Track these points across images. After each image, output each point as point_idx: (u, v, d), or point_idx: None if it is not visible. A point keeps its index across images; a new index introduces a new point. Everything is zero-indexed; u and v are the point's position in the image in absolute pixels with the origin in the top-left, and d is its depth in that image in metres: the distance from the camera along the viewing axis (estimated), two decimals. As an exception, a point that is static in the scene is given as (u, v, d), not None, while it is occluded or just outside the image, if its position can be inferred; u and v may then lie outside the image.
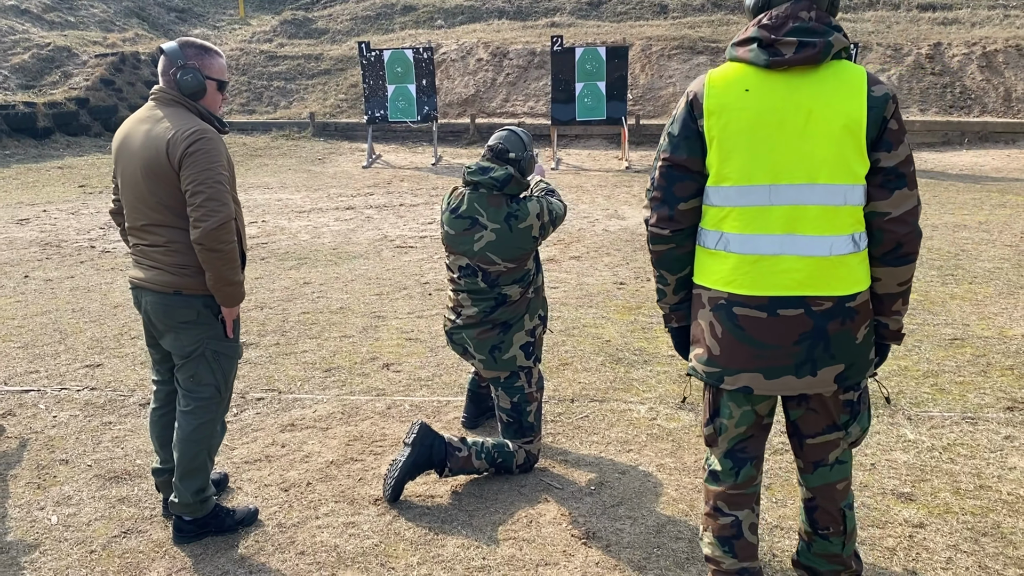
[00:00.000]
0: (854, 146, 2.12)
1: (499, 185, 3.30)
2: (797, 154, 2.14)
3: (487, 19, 20.37)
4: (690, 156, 2.25)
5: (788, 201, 2.15)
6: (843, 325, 2.19)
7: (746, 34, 2.20)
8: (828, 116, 2.11)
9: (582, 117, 13.31)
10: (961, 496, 3.27)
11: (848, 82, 2.13)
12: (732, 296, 2.23)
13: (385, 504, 3.28)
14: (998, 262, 6.87)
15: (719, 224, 2.25)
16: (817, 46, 2.10)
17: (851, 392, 2.33)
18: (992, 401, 4.15)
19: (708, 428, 2.44)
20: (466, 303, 3.43)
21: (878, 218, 2.18)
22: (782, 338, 2.20)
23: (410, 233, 8.54)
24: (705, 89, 2.22)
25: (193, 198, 2.66)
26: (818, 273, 2.16)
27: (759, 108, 2.15)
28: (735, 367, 2.26)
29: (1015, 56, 15.99)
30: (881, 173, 2.15)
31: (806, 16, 2.14)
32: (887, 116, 2.13)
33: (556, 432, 3.92)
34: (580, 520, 3.16)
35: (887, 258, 2.21)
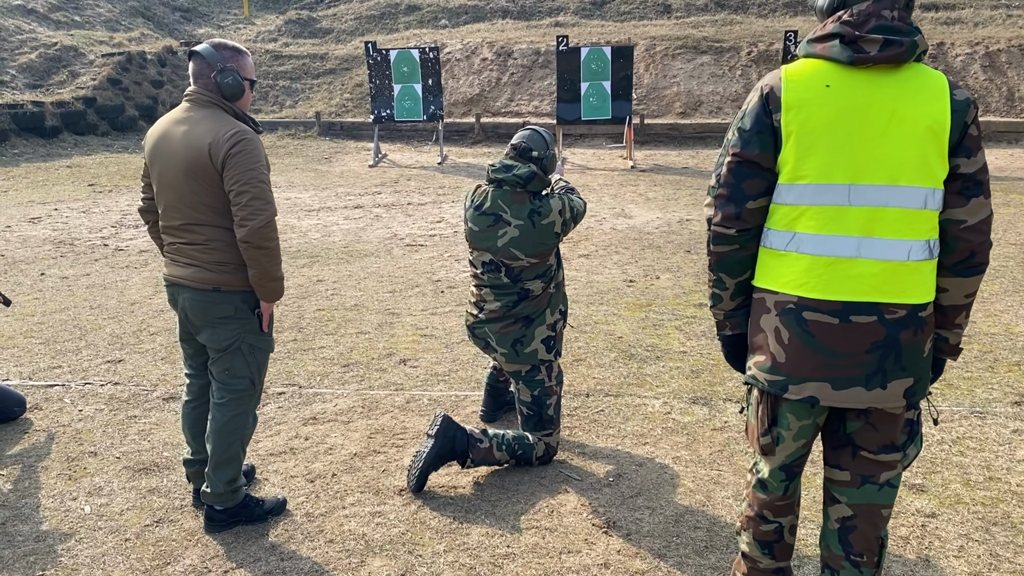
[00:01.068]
0: (937, 149, 2.08)
1: (523, 182, 3.38)
2: (879, 154, 2.09)
3: (491, 19, 20.45)
4: (762, 152, 2.17)
5: (868, 202, 2.10)
6: (915, 336, 2.13)
7: (825, 30, 2.13)
8: (912, 117, 2.07)
9: (587, 116, 13.38)
10: (971, 487, 3.35)
11: (931, 84, 2.09)
12: (803, 300, 2.15)
13: (410, 494, 3.36)
14: (1003, 260, 6.95)
15: (792, 224, 2.17)
16: (904, 45, 2.05)
17: (913, 411, 2.30)
18: (1000, 396, 4.23)
19: (765, 438, 2.31)
20: (489, 298, 3.51)
21: (953, 225, 2.13)
22: (854, 346, 2.12)
23: (419, 232, 8.62)
24: (783, 83, 2.15)
25: (239, 197, 2.74)
26: (894, 279, 2.10)
27: (841, 105, 2.10)
28: (801, 375, 2.16)
29: (1018, 56, 16.07)
30: (960, 179, 2.11)
31: (889, 15, 2.09)
32: (968, 121, 2.11)
33: (573, 426, 4.00)
34: (600, 510, 3.24)
35: (958, 268, 2.15)
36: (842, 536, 2.33)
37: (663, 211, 9.39)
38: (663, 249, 7.59)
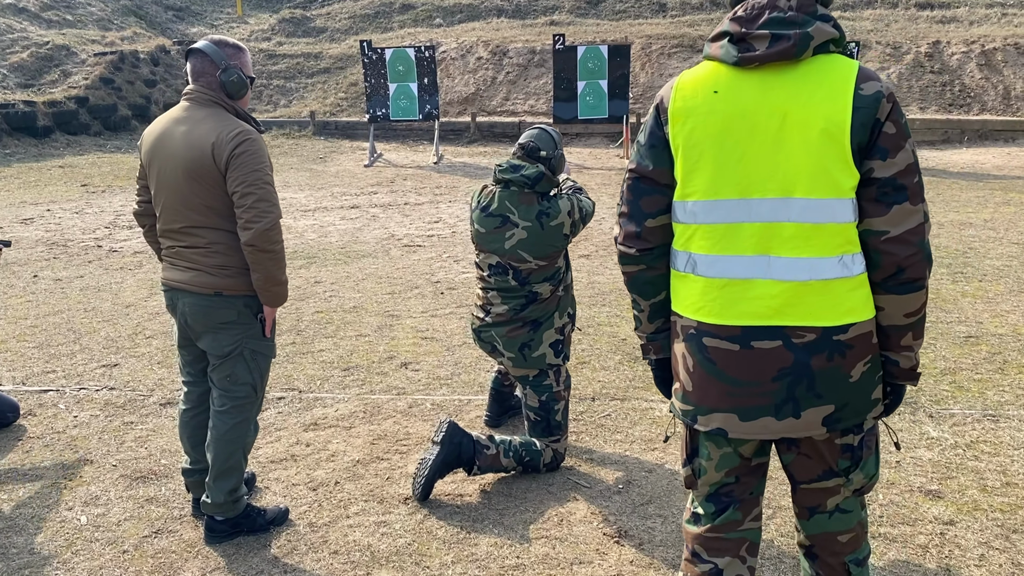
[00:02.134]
0: (837, 154, 1.82)
1: (531, 183, 3.30)
2: (770, 164, 1.86)
3: (486, 17, 20.35)
4: (656, 167, 2.00)
5: (760, 218, 1.88)
6: (831, 361, 1.88)
7: (719, 28, 1.94)
8: (805, 119, 1.82)
9: (584, 116, 13.33)
10: (989, 493, 3.28)
11: (831, 79, 1.83)
12: (701, 325, 1.96)
13: (415, 503, 3.28)
14: (1006, 260, 6.90)
15: (686, 244, 1.98)
16: (792, 39, 1.82)
17: (850, 435, 2.01)
18: (1011, 399, 4.17)
19: (686, 469, 2.17)
20: (496, 301, 3.43)
21: (874, 237, 1.86)
22: (758, 374, 1.91)
23: (417, 232, 8.54)
24: (672, 92, 1.97)
25: (243, 199, 2.66)
26: (797, 300, 1.87)
27: (728, 112, 1.88)
28: (708, 405, 1.98)
29: (1014, 54, 16.06)
30: (875, 185, 1.83)
31: (784, 5, 1.86)
32: (880, 118, 1.81)
33: (579, 430, 3.92)
34: (611, 519, 3.17)
35: (888, 284, 1.88)
36: (808, 562, 2.22)
37: (662, 211, 9.31)
38: (664, 249, 7.52)
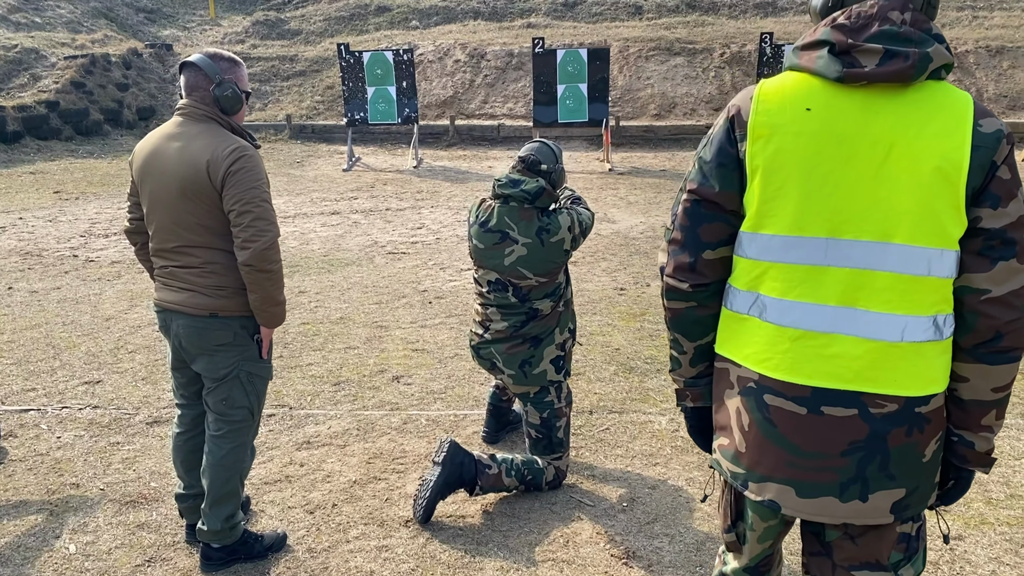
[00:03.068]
0: (949, 197, 1.58)
1: (531, 198, 3.24)
2: (869, 201, 1.61)
3: (463, 20, 20.27)
4: (724, 190, 1.72)
5: (851, 263, 1.63)
6: (909, 436, 1.65)
7: (815, 36, 1.66)
8: (917, 153, 1.57)
9: (564, 119, 13.29)
10: (994, 506, 3.27)
11: (948, 110, 1.59)
12: (764, 379, 1.71)
13: (416, 525, 3.20)
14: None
15: (754, 283, 1.72)
16: (911, 58, 1.56)
17: (910, 523, 1.77)
18: (1009, 407, 4.17)
19: (728, 535, 1.95)
20: (495, 317, 3.36)
21: (972, 296, 1.62)
22: (826, 445, 1.67)
23: (400, 239, 8.44)
24: (753, 103, 1.68)
25: (240, 218, 2.56)
26: (883, 363, 1.63)
27: (823, 134, 1.62)
28: (762, 472, 1.73)
29: (985, 57, 16.26)
30: (982, 236, 1.60)
31: (898, 17, 1.60)
32: (997, 161, 1.59)
33: (579, 446, 3.86)
34: (617, 539, 3.11)
35: (980, 352, 1.64)
36: None
37: (645, 215, 9.30)
38: (650, 255, 7.49)
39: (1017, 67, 15.90)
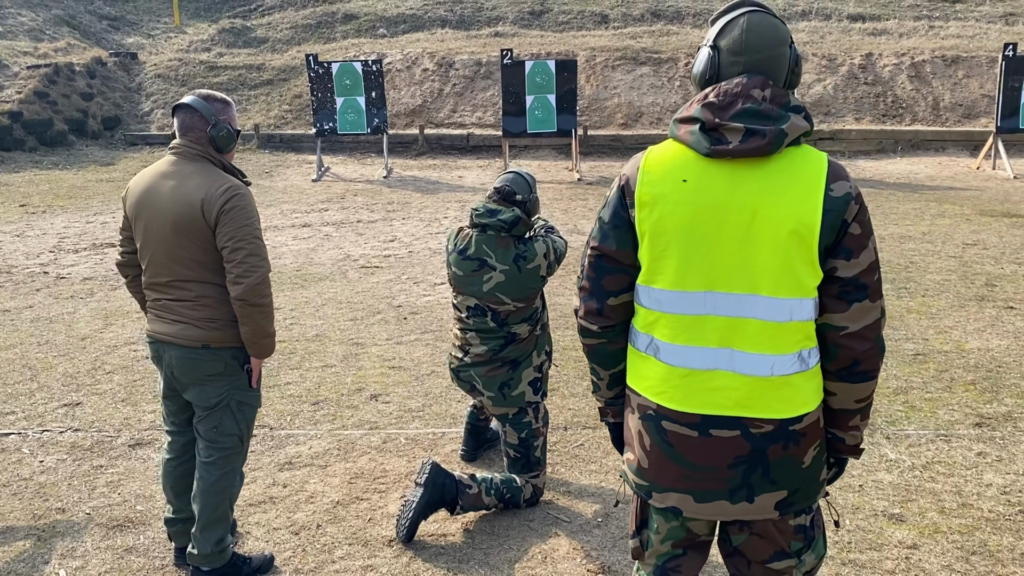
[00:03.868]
0: (804, 255, 1.84)
1: (507, 227, 3.37)
2: (737, 260, 1.86)
3: (430, 28, 20.36)
4: (620, 248, 1.98)
5: (726, 312, 1.89)
6: (786, 450, 1.92)
7: (690, 111, 1.91)
8: (776, 219, 1.82)
9: (533, 129, 13.46)
10: (947, 515, 3.46)
11: (803, 178, 1.84)
12: (661, 408, 1.97)
13: (400, 545, 3.31)
14: (945, 274, 7.21)
15: (649, 328, 1.99)
16: (767, 136, 1.81)
17: (803, 516, 2.05)
18: (961, 417, 4.39)
19: (634, 541, 2.19)
20: (474, 341, 3.49)
21: (833, 332, 1.90)
22: (715, 460, 1.93)
23: (373, 252, 8.52)
24: (639, 175, 1.95)
25: (233, 254, 2.68)
26: (758, 393, 1.89)
27: (697, 203, 1.87)
28: (664, 485, 2.01)
29: (941, 66, 16.71)
30: (838, 283, 1.86)
31: (759, 95, 1.85)
32: (848, 219, 1.84)
33: (555, 462, 4.00)
34: (593, 554, 3.25)
35: (843, 374, 1.93)
36: None
37: (614, 226, 9.46)
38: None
39: (971, 76, 16.37)
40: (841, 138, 15.19)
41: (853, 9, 20.40)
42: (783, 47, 1.92)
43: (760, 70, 1.89)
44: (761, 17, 1.91)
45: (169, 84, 17.43)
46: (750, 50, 1.89)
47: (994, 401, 4.57)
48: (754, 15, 1.92)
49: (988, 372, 4.99)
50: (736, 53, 1.90)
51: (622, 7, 21.00)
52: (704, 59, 1.95)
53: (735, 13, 1.94)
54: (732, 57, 1.91)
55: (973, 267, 7.43)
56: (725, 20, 1.95)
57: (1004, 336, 5.61)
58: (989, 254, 7.90)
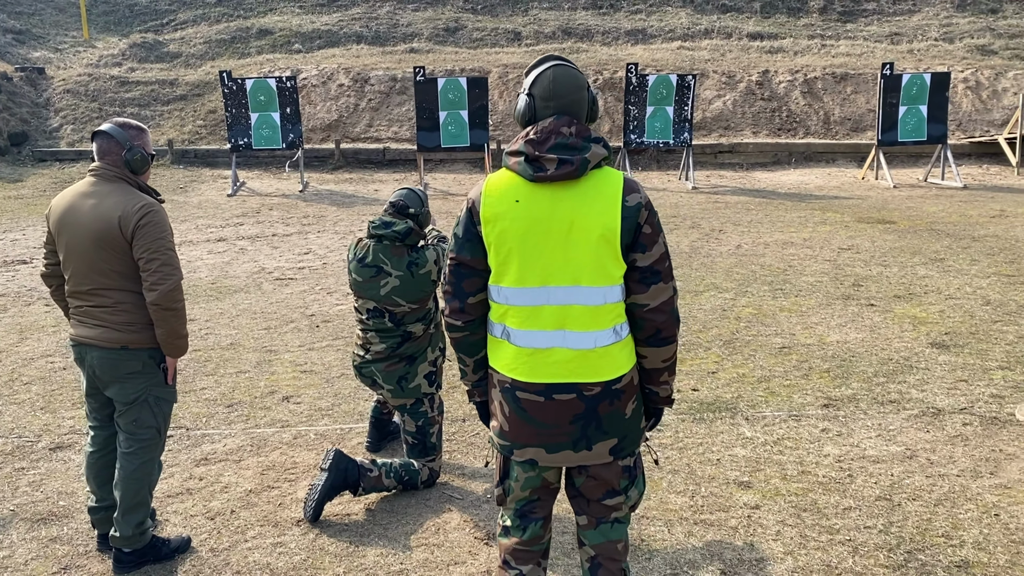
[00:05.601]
0: (610, 252, 2.35)
1: (401, 237, 3.78)
2: (562, 260, 2.36)
3: (345, 44, 20.61)
4: (473, 257, 2.46)
5: (557, 301, 2.38)
6: (612, 405, 2.44)
7: (515, 146, 2.39)
8: (587, 226, 2.33)
9: (447, 144, 13.89)
10: (788, 481, 4.01)
11: (605, 193, 2.35)
12: (515, 381, 2.45)
13: (307, 524, 3.68)
14: (819, 276, 7.92)
15: (501, 318, 2.47)
16: (575, 163, 2.31)
17: (628, 459, 2.58)
18: (812, 400, 4.98)
19: (498, 489, 2.66)
20: (374, 340, 3.88)
21: (639, 309, 2.41)
22: (558, 418, 2.43)
23: (288, 265, 8.80)
24: (482, 198, 2.43)
25: (149, 264, 3.02)
26: (586, 363, 2.40)
27: (529, 218, 2.36)
28: (521, 442, 2.49)
29: (831, 83, 17.82)
30: (638, 271, 2.38)
31: (567, 132, 2.34)
32: (640, 223, 2.36)
33: (452, 449, 4.41)
34: (481, 524, 3.67)
35: (650, 341, 2.45)
36: (592, 573, 2.65)
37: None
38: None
39: (859, 92, 17.52)
40: (740, 151, 16.09)
41: (752, 28, 21.49)
42: (582, 92, 2.43)
43: (567, 111, 2.40)
44: (564, 69, 2.42)
45: (79, 99, 17.25)
46: (557, 96, 2.40)
47: (843, 386, 5.19)
48: (558, 68, 2.42)
49: (842, 361, 5.62)
50: (547, 99, 2.40)
51: (534, 25, 21.66)
52: (523, 104, 2.44)
53: (544, 67, 2.43)
54: (544, 102, 2.41)
55: (845, 269, 8.16)
56: (536, 72, 2.44)
57: (861, 330, 6.28)
58: (860, 257, 8.67)
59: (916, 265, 8.26)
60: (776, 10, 22.82)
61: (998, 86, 17.38)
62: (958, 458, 4.21)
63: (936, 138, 13.93)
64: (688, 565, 3.35)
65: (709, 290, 7.48)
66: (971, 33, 20.56)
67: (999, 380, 5.22)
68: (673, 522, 3.66)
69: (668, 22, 21.73)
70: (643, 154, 15.63)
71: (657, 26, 21.43)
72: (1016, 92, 16.47)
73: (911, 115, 13.89)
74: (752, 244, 9.39)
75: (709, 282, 7.75)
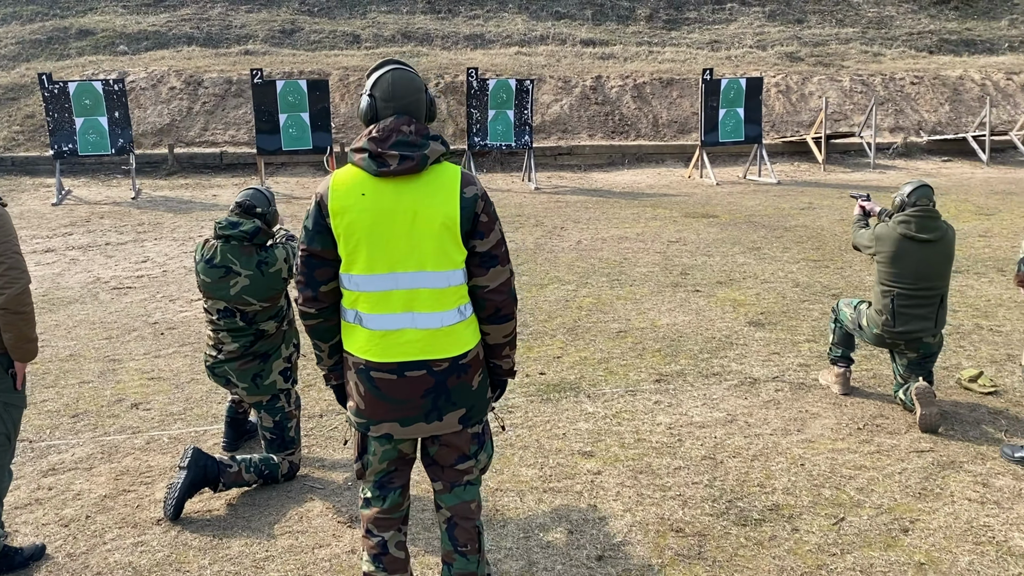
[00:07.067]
0: (451, 239, 2.56)
1: (249, 236, 3.86)
2: (408, 247, 2.55)
3: (176, 46, 19.85)
4: (324, 248, 2.60)
5: (405, 286, 2.57)
6: (459, 379, 2.66)
7: (359, 143, 2.56)
8: (430, 216, 2.53)
9: (288, 147, 13.72)
10: (625, 448, 4.39)
11: (444, 186, 2.56)
12: (369, 362, 2.63)
13: (168, 523, 3.70)
14: (651, 267, 8.51)
15: (354, 304, 2.63)
16: (415, 159, 2.51)
17: (477, 426, 2.81)
18: (646, 376, 5.43)
19: (358, 464, 2.84)
20: (227, 340, 3.94)
21: (480, 290, 2.64)
22: (411, 394, 2.63)
23: (125, 274, 8.50)
24: (330, 192, 2.57)
25: None
26: (434, 341, 2.61)
27: (375, 210, 2.53)
28: (377, 419, 2.68)
29: (659, 88, 18.92)
30: (478, 256, 2.60)
31: (407, 130, 2.54)
32: (477, 212, 2.58)
33: (311, 443, 4.52)
34: (343, 510, 3.82)
35: (491, 319, 2.69)
36: (449, 534, 2.86)
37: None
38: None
39: (684, 96, 18.69)
40: (577, 153, 16.81)
41: (585, 35, 22.42)
42: (420, 93, 2.65)
43: (406, 111, 2.61)
44: (403, 72, 2.64)
45: None
46: (396, 97, 2.60)
47: (672, 362, 5.68)
48: (397, 71, 2.64)
49: (672, 341, 6.13)
50: (387, 100, 2.61)
51: (373, 28, 21.67)
52: (365, 104, 2.64)
53: (384, 70, 2.65)
54: (384, 103, 2.61)
55: (673, 260, 8.81)
56: (377, 75, 2.65)
57: (688, 313, 6.85)
58: (687, 249, 9.36)
59: (736, 254, 9.02)
60: (607, 18, 23.92)
61: (805, 90, 19.05)
62: (771, 419, 4.74)
63: (752, 138, 15.11)
64: (538, 528, 3.64)
65: (553, 283, 7.88)
66: (781, 41, 22.39)
67: (806, 351, 5.88)
68: (524, 492, 3.95)
69: (505, 28, 22.31)
70: (487, 156, 16.03)
71: (495, 31, 21.97)
72: (820, 96, 18.13)
73: (730, 117, 15.00)
74: (591, 240, 9.92)
75: (553, 275, 8.16)
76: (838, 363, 5.11)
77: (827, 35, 23.10)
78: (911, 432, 4.54)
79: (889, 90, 19.31)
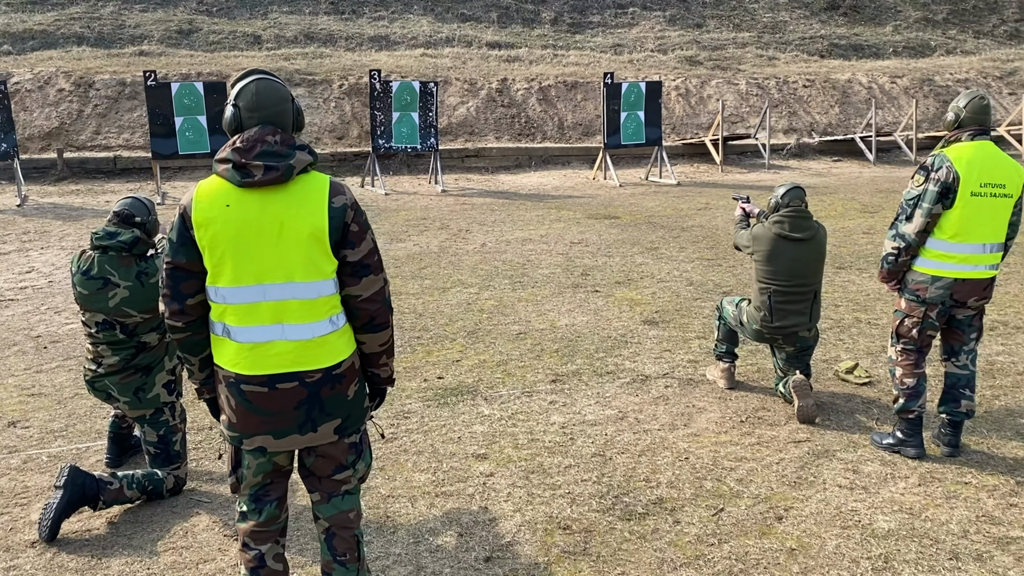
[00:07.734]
0: (320, 250, 2.54)
1: (127, 247, 3.76)
2: (275, 259, 2.51)
3: (64, 46, 19.04)
4: (189, 260, 2.56)
5: (273, 297, 2.54)
6: (333, 389, 2.64)
7: (223, 154, 2.52)
8: (297, 227, 2.50)
9: (185, 151, 13.34)
10: (519, 449, 4.46)
11: (312, 196, 2.53)
12: (238, 375, 2.58)
13: (43, 545, 3.56)
14: (553, 268, 8.63)
15: (221, 317, 2.59)
16: (280, 169, 2.48)
17: (354, 436, 2.79)
18: (543, 377, 5.52)
19: (232, 478, 2.81)
20: (106, 353, 3.82)
21: (353, 300, 2.62)
22: (283, 406, 2.60)
23: (7, 285, 8.12)
24: (193, 204, 2.53)
25: None
26: (306, 352, 2.58)
27: (240, 220, 2.49)
28: (249, 432, 2.64)
29: (564, 91, 19.17)
30: (350, 266, 2.58)
31: (272, 140, 2.51)
32: (347, 222, 2.56)
33: (199, 457, 4.42)
34: (230, 523, 3.76)
35: (366, 328, 2.68)
36: (328, 544, 2.85)
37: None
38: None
39: (588, 99, 18.97)
40: (484, 155, 16.88)
41: (491, 37, 22.52)
42: (287, 103, 2.63)
43: (271, 121, 2.58)
44: (267, 82, 2.61)
45: None
46: (261, 107, 2.57)
47: (569, 362, 5.79)
48: (261, 81, 2.61)
49: (569, 342, 6.24)
50: (251, 110, 2.57)
51: (275, 29, 21.26)
52: (229, 114, 2.60)
53: (248, 80, 2.61)
54: (249, 113, 2.57)
55: (575, 261, 8.95)
56: (241, 85, 2.61)
57: (587, 313, 6.98)
58: (589, 250, 9.53)
59: (635, 254, 9.24)
60: (512, 21, 24.09)
61: (703, 93, 19.62)
62: (660, 415, 4.89)
63: (653, 141, 15.48)
64: (429, 533, 3.66)
65: (456, 286, 7.91)
66: (681, 45, 22.99)
67: (696, 348, 6.07)
68: (416, 497, 3.96)
69: (410, 29, 22.22)
70: (393, 159, 15.93)
71: (400, 33, 21.86)
72: (718, 99, 18.69)
73: (631, 120, 15.32)
74: (496, 242, 9.99)
75: (456, 279, 8.18)
76: (723, 359, 5.30)
77: (725, 39, 23.85)
78: (790, 423, 4.75)
79: (783, 93, 20.08)
